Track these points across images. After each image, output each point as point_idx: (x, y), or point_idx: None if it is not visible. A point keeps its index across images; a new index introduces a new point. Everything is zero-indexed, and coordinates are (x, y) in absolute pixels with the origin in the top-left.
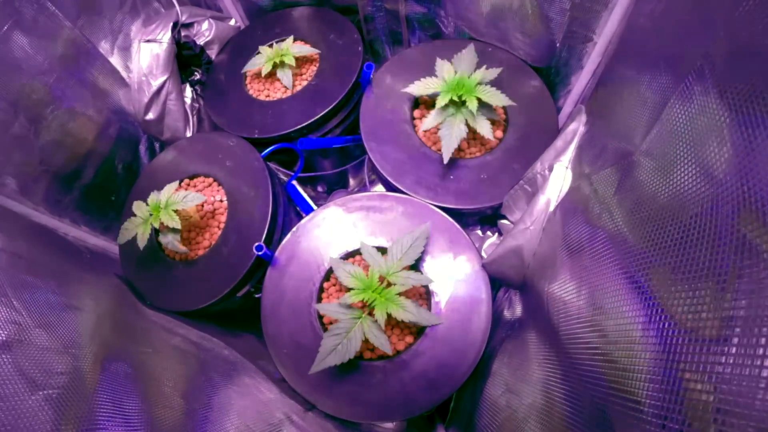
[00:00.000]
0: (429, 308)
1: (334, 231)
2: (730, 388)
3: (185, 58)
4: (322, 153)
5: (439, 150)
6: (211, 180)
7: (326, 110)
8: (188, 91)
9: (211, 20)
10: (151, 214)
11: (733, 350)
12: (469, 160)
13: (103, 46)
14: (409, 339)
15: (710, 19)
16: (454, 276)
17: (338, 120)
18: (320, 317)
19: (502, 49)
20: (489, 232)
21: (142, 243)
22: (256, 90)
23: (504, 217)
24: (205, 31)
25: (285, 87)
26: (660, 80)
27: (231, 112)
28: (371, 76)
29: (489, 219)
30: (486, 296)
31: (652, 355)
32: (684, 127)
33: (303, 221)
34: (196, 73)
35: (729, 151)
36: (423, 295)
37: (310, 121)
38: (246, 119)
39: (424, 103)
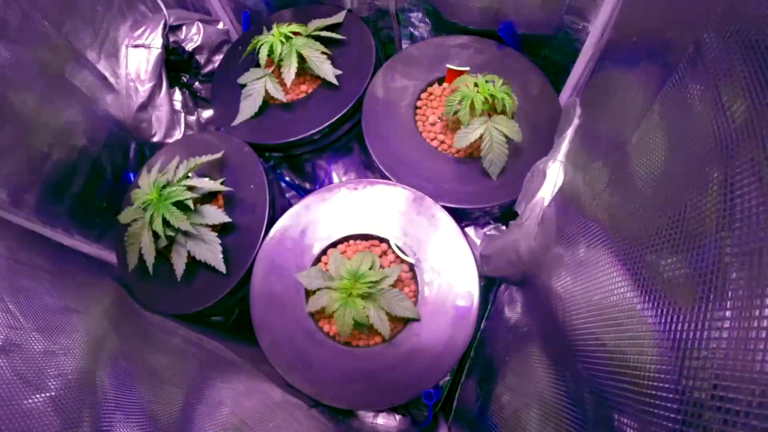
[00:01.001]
0: (416, 291)
1: (311, 227)
2: (733, 374)
3: (174, 64)
4: (318, 154)
5: (443, 149)
6: None
7: (348, 108)
8: (177, 95)
9: (199, 24)
10: (146, 209)
11: (729, 334)
12: (470, 159)
13: (90, 52)
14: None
15: (702, 5)
16: (439, 257)
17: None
18: (312, 315)
19: (499, 43)
20: (490, 224)
21: (150, 257)
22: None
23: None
24: (193, 36)
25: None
26: (652, 69)
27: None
28: None
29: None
30: (473, 274)
31: (649, 345)
32: (675, 116)
33: (277, 224)
34: (183, 77)
35: (720, 141)
36: (409, 280)
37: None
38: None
39: (427, 98)
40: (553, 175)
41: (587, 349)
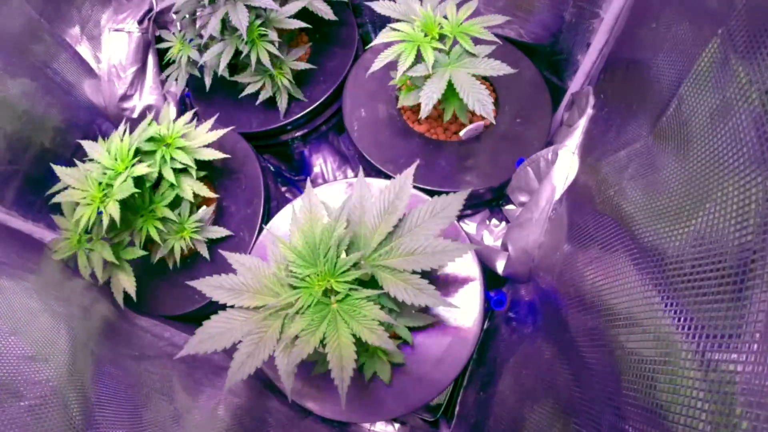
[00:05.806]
0: None
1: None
2: (752, 387)
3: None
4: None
5: (423, 132)
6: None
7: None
8: (173, 88)
9: None
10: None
11: (755, 347)
12: (458, 143)
13: (72, 37)
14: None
15: None
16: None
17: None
18: None
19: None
20: (495, 220)
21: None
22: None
23: (508, 202)
24: None
25: None
26: (674, 57)
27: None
28: None
29: (489, 204)
30: (479, 277)
31: (667, 351)
32: (702, 105)
33: (272, 221)
34: None
35: (752, 130)
36: None
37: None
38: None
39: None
40: (565, 167)
41: (597, 352)
